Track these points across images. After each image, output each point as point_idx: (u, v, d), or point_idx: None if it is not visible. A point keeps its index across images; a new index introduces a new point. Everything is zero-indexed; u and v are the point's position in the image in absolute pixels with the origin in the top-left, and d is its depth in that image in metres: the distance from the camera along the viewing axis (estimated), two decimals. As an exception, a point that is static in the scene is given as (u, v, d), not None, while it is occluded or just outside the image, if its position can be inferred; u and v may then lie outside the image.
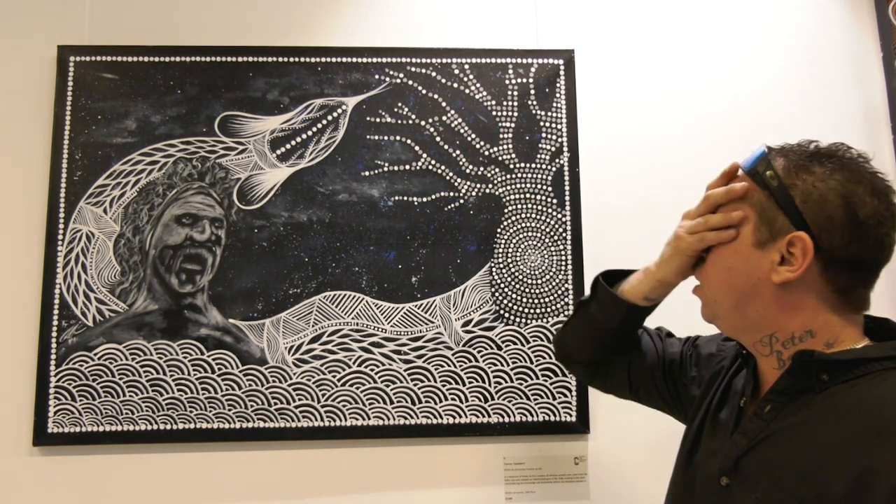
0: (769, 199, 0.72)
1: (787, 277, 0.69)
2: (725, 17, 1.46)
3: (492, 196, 1.35)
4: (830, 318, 0.71)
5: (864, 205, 0.69)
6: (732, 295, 0.75)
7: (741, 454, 0.72)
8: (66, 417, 1.25)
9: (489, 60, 1.38)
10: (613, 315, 0.96)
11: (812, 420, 0.67)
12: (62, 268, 1.29)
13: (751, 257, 0.73)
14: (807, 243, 0.68)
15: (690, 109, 1.43)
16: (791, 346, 0.72)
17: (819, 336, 0.71)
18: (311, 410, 1.28)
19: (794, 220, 0.70)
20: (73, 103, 1.33)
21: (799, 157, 0.73)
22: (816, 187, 0.69)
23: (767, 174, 0.73)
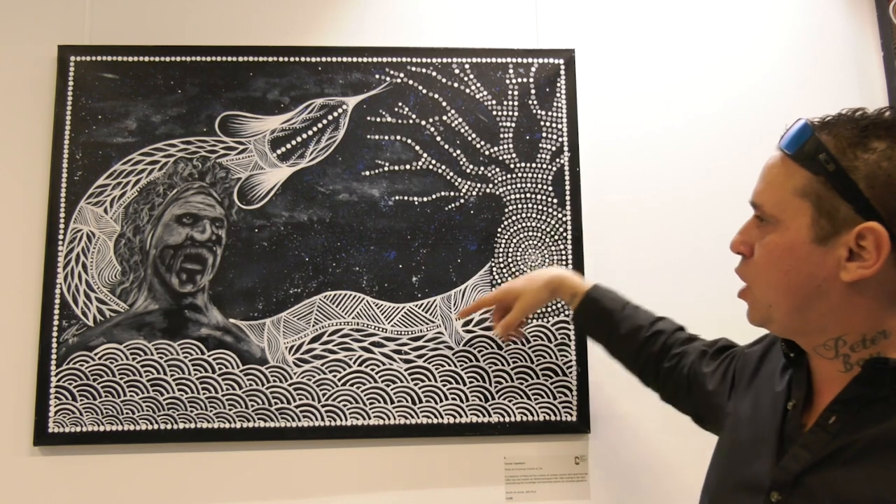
0: (826, 187, 0.63)
1: (859, 275, 0.62)
2: (725, 16, 1.46)
3: (492, 196, 1.35)
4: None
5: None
6: (793, 298, 0.66)
7: (803, 470, 0.63)
8: (66, 417, 1.25)
9: (489, 60, 1.38)
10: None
11: (888, 440, 0.59)
12: (63, 268, 1.29)
13: (811, 255, 0.64)
14: (881, 235, 0.60)
15: (691, 109, 1.43)
16: (861, 349, 0.65)
17: (893, 336, 0.64)
18: (311, 410, 1.28)
19: (861, 208, 0.61)
20: (74, 103, 1.33)
21: (852, 133, 0.64)
22: (882, 167, 0.60)
23: (821, 157, 0.63)
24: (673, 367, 1.00)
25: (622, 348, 1.08)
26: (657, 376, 1.04)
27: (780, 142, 0.69)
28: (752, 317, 0.73)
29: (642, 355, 1.05)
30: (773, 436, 0.69)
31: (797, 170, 0.66)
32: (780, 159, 0.69)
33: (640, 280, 1.35)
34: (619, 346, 1.09)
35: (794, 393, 0.71)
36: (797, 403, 0.69)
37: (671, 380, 1.01)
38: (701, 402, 0.94)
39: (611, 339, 1.09)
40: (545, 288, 1.15)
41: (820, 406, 0.68)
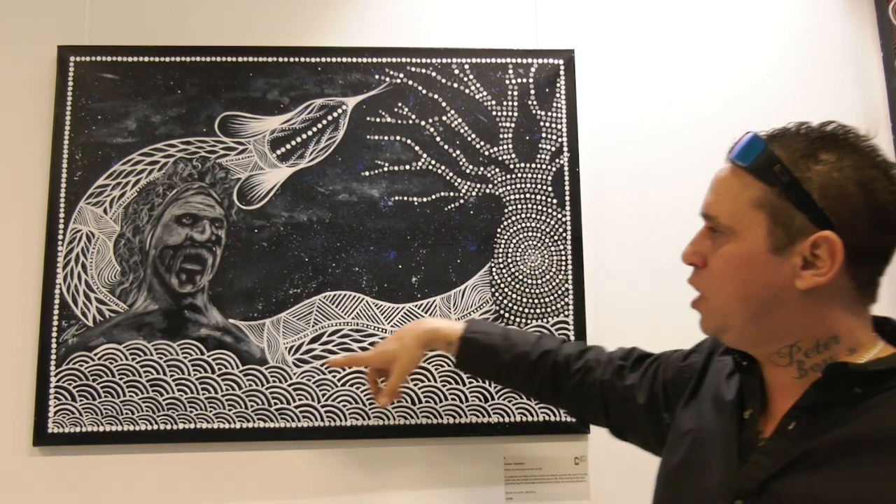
0: (781, 198, 0.64)
1: (814, 283, 0.63)
2: (725, 17, 1.46)
3: (492, 196, 1.35)
4: (851, 321, 0.66)
5: (883, 189, 0.63)
6: (750, 307, 0.67)
7: (768, 477, 0.64)
8: (66, 417, 1.25)
9: (489, 60, 1.38)
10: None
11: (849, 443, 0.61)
12: (62, 268, 1.29)
13: (768, 265, 0.65)
14: (835, 243, 0.62)
15: (690, 109, 1.43)
16: (815, 355, 0.66)
17: (844, 342, 0.66)
18: (311, 410, 1.28)
19: (815, 218, 0.63)
20: (74, 103, 1.33)
21: (802, 145, 0.65)
22: (833, 178, 0.62)
23: (775, 169, 0.64)
24: (579, 385, 0.99)
25: (513, 379, 1.06)
26: (559, 395, 1.03)
27: (731, 154, 0.70)
28: (707, 326, 0.74)
29: (535, 380, 1.03)
30: (729, 446, 0.70)
31: (752, 181, 0.67)
32: (733, 171, 0.70)
33: (639, 280, 1.35)
34: (509, 377, 1.06)
35: (749, 402, 0.72)
36: (754, 412, 0.70)
37: (579, 397, 1.00)
38: (628, 414, 0.94)
39: (500, 374, 1.07)
40: (418, 346, 1.09)
41: (775, 413, 0.69)
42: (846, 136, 0.66)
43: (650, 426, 0.91)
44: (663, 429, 0.88)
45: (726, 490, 0.67)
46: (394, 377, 1.07)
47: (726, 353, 0.81)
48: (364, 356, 1.15)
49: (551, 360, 1.02)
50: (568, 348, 1.04)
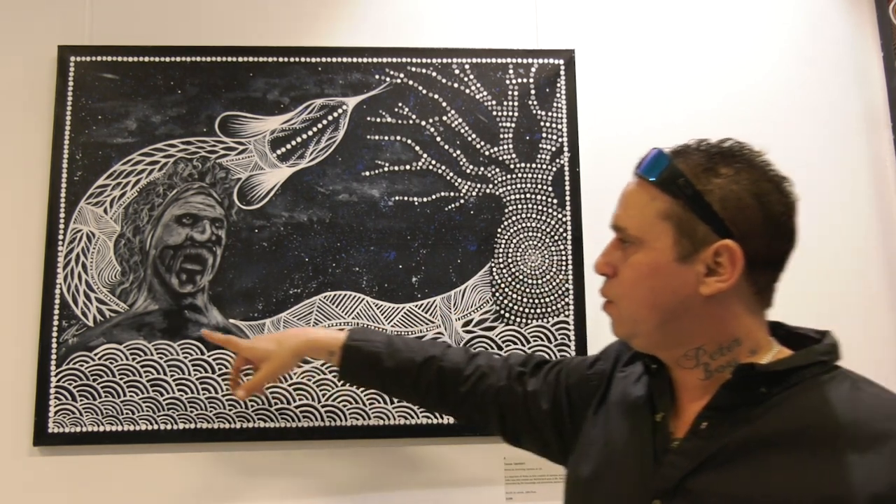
0: (685, 209, 0.68)
1: (717, 289, 0.67)
2: (725, 17, 1.46)
3: (492, 196, 1.35)
4: (751, 323, 0.70)
5: (776, 201, 0.68)
6: (659, 313, 0.71)
7: (684, 476, 0.67)
8: (66, 417, 1.25)
9: (489, 60, 1.38)
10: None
11: (757, 439, 0.65)
12: (62, 268, 1.29)
13: (675, 273, 0.69)
14: (735, 252, 0.66)
15: (690, 109, 1.43)
16: (719, 357, 0.70)
17: (745, 344, 0.70)
18: (311, 410, 1.28)
19: (717, 228, 0.67)
20: (74, 103, 1.33)
21: (702, 160, 0.70)
22: (732, 190, 0.67)
23: (679, 182, 0.69)
24: (471, 391, 0.98)
25: (398, 386, 1.04)
26: (445, 401, 1.02)
27: (639, 169, 0.74)
28: (618, 331, 0.77)
29: (421, 386, 1.01)
30: (644, 449, 0.73)
31: (658, 194, 0.71)
32: (640, 185, 0.74)
33: (639, 280, 1.35)
34: (393, 385, 1.04)
35: (660, 405, 0.75)
36: (666, 414, 0.73)
37: (470, 403, 0.99)
38: (529, 420, 0.94)
39: (385, 382, 1.04)
40: (293, 355, 1.05)
41: (686, 414, 0.72)
42: (742, 151, 0.71)
43: (554, 433, 0.92)
44: (567, 435, 0.90)
45: (644, 491, 0.70)
46: (259, 376, 1.05)
47: (632, 360, 0.85)
48: (238, 344, 1.09)
49: (436, 365, 1.00)
50: (454, 354, 1.02)
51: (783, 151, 1.52)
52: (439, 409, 1.09)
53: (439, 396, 1.01)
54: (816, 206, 1.42)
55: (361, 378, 1.06)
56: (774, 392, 0.67)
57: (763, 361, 0.69)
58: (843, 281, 1.40)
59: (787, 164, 1.54)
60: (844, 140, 1.45)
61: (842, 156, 1.44)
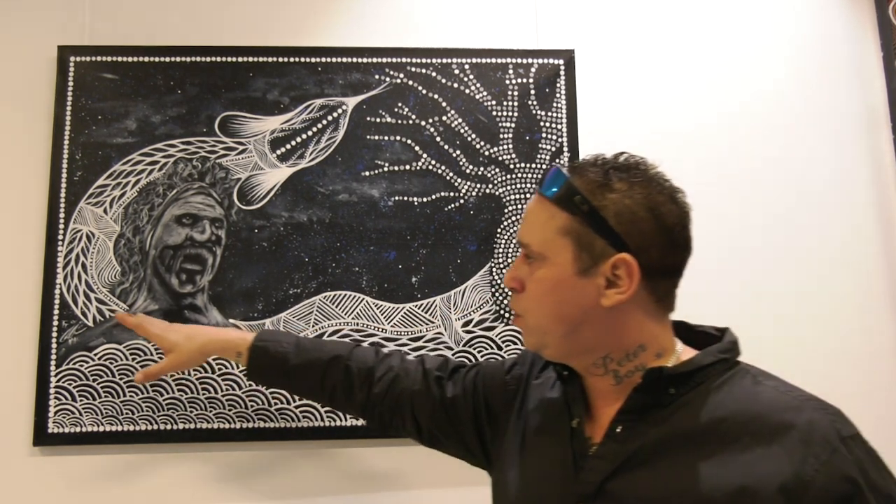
0: (583, 225, 0.71)
1: (617, 300, 0.70)
2: (725, 16, 1.46)
3: (492, 196, 1.35)
4: (654, 329, 0.73)
5: (669, 213, 0.70)
6: (564, 325, 0.73)
7: (604, 479, 0.70)
8: (66, 417, 1.25)
9: (489, 60, 1.38)
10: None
11: (670, 439, 0.68)
12: (62, 268, 1.29)
13: (576, 286, 0.72)
14: (631, 264, 0.69)
15: (690, 109, 1.43)
16: (627, 363, 0.73)
17: (650, 348, 0.73)
18: (311, 410, 1.28)
19: (613, 242, 0.69)
20: (74, 103, 1.33)
21: (597, 175, 0.72)
22: (625, 205, 0.70)
23: (576, 199, 0.71)
24: (383, 393, 0.99)
25: (305, 385, 1.04)
26: (352, 400, 1.02)
27: (540, 187, 0.76)
28: (528, 342, 0.79)
29: (327, 386, 1.02)
30: (564, 455, 0.75)
31: (557, 211, 0.73)
32: (541, 202, 0.75)
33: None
34: (300, 384, 1.05)
35: (575, 411, 0.77)
36: (581, 421, 0.76)
37: (385, 406, 0.99)
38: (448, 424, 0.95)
39: (291, 382, 1.05)
40: (200, 352, 1.07)
41: (601, 419, 0.75)
42: (636, 165, 0.73)
43: (476, 438, 0.93)
44: (488, 440, 0.91)
45: (566, 496, 0.73)
46: (161, 365, 1.08)
47: (546, 366, 0.87)
48: (148, 330, 1.11)
49: (343, 364, 1.01)
50: (363, 353, 1.03)
51: (783, 151, 1.53)
52: (347, 409, 1.08)
53: (346, 397, 1.02)
54: (816, 205, 1.42)
55: (268, 378, 1.07)
56: (682, 392, 0.70)
57: (669, 364, 0.72)
58: (843, 281, 1.40)
59: (786, 163, 1.55)
60: (844, 140, 1.45)
61: (842, 156, 1.44)
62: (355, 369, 1.01)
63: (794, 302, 1.38)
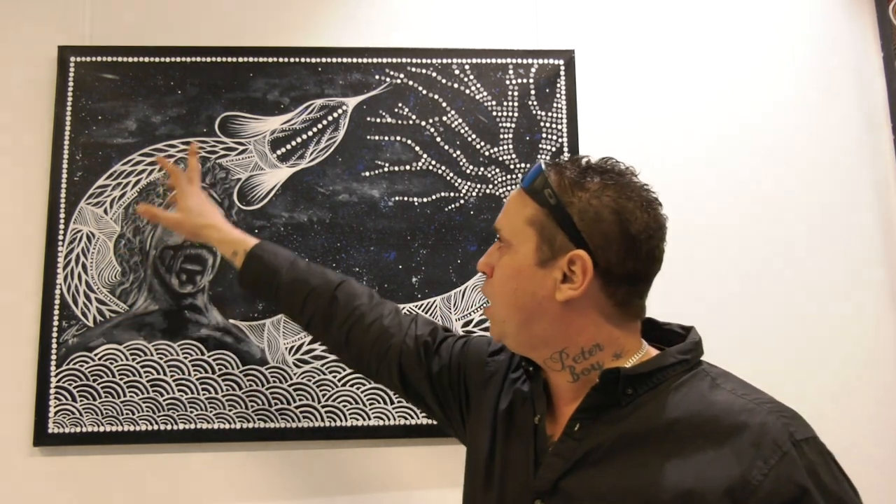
0: (548, 217, 0.72)
1: (569, 295, 0.70)
2: (725, 17, 1.46)
3: (492, 196, 1.35)
4: (613, 331, 0.73)
5: (636, 220, 0.70)
6: (519, 314, 0.74)
7: (559, 477, 0.71)
8: (66, 418, 1.25)
9: (489, 60, 1.38)
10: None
11: (625, 438, 0.69)
12: (62, 268, 1.29)
13: (534, 276, 0.73)
14: (586, 261, 0.69)
15: (689, 108, 1.43)
16: (582, 361, 0.73)
17: (607, 349, 0.73)
18: (311, 411, 1.28)
19: (573, 238, 0.70)
20: (74, 104, 1.33)
21: (573, 173, 0.73)
22: (592, 204, 0.70)
23: (546, 192, 0.72)
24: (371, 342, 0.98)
25: (288, 302, 1.04)
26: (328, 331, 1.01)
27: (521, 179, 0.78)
28: (492, 331, 0.80)
29: (307, 310, 1.02)
30: (526, 450, 0.76)
31: (529, 202, 0.74)
32: (518, 193, 0.77)
33: (639, 280, 1.35)
34: (285, 300, 1.04)
35: (538, 407, 0.78)
36: (542, 417, 0.77)
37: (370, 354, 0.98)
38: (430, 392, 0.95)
39: (277, 296, 1.04)
40: (197, 232, 1.10)
41: (561, 417, 0.76)
42: (614, 169, 0.74)
43: (457, 409, 0.94)
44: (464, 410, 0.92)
45: (525, 492, 0.74)
46: (165, 215, 1.13)
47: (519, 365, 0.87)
48: (179, 184, 1.14)
49: (330, 294, 1.01)
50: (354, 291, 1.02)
51: (783, 151, 1.52)
52: (322, 340, 1.07)
53: (323, 328, 1.02)
54: (817, 205, 1.42)
55: (257, 287, 1.08)
56: (640, 392, 0.70)
57: (628, 364, 0.72)
58: (843, 280, 1.40)
59: (786, 163, 1.55)
60: (844, 140, 1.45)
61: (842, 156, 1.44)
62: (341, 304, 1.00)
63: (794, 302, 1.38)
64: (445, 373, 0.94)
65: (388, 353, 0.97)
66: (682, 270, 1.36)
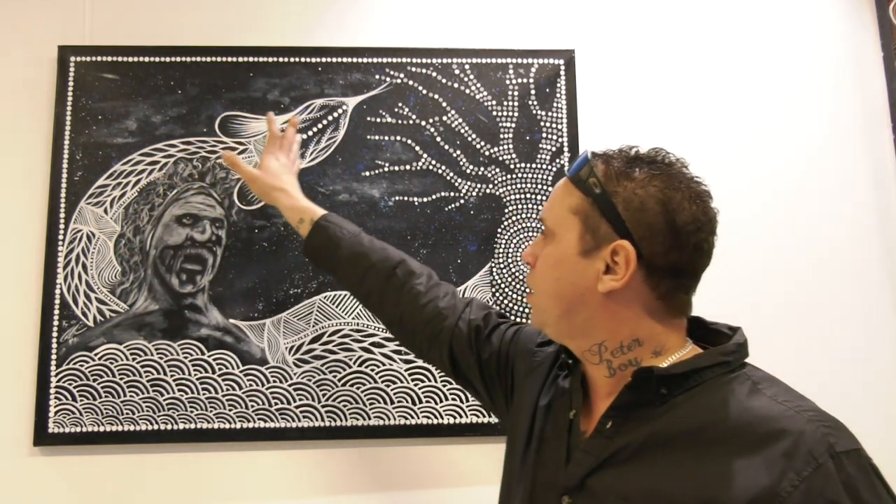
0: (593, 207, 0.71)
1: (611, 286, 0.69)
2: (725, 16, 1.46)
3: (492, 196, 1.35)
4: (655, 326, 0.71)
5: (683, 211, 0.69)
6: (560, 304, 0.73)
7: (587, 474, 0.70)
8: (66, 417, 1.25)
9: (489, 60, 1.38)
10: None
11: (656, 439, 0.67)
12: (63, 268, 1.29)
13: (577, 266, 0.72)
14: (629, 252, 0.68)
15: (689, 108, 1.43)
16: (620, 355, 0.72)
17: (647, 344, 0.71)
18: (311, 410, 1.28)
19: (618, 228, 0.69)
20: (74, 103, 1.33)
21: (620, 163, 0.72)
22: (637, 194, 0.69)
23: (590, 181, 0.71)
24: (424, 322, 0.99)
25: (348, 276, 1.06)
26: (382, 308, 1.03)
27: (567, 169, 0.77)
28: (533, 319, 0.80)
29: (363, 289, 1.04)
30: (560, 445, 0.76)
31: (573, 191, 0.73)
32: (564, 182, 0.76)
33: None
34: (344, 274, 1.06)
35: (574, 402, 0.77)
36: (577, 412, 0.76)
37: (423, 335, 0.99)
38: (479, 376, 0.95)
39: (337, 268, 1.07)
40: (268, 192, 1.13)
41: (596, 411, 0.74)
42: (663, 160, 0.72)
43: (502, 395, 0.94)
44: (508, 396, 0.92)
45: (555, 487, 0.73)
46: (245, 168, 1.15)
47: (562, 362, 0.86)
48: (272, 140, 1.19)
49: (388, 272, 1.02)
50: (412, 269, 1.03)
51: (783, 151, 1.52)
52: (377, 315, 1.08)
53: (378, 305, 1.04)
54: (817, 205, 1.42)
55: (319, 258, 1.09)
56: (676, 393, 0.68)
57: (666, 363, 0.70)
58: (843, 280, 1.40)
59: (786, 163, 1.55)
60: (844, 140, 1.45)
61: (842, 156, 1.44)
62: (399, 282, 1.02)
63: (794, 302, 1.38)
64: (494, 360, 0.94)
65: (440, 335, 0.98)
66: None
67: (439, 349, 0.98)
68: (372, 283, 1.03)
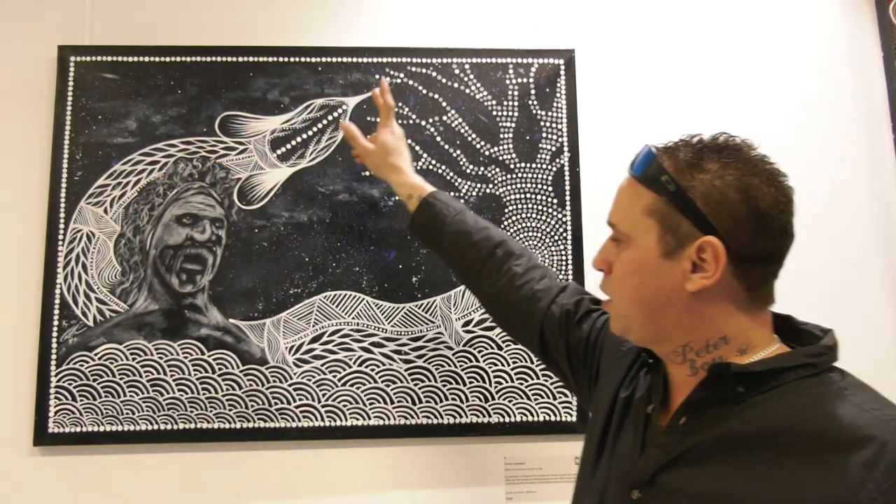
0: (669, 206, 0.68)
1: (702, 285, 0.67)
2: (725, 16, 1.46)
3: (492, 196, 1.35)
4: (743, 322, 0.69)
5: (764, 196, 0.66)
6: (645, 309, 0.71)
7: (657, 469, 0.69)
8: (66, 417, 1.25)
9: (489, 60, 1.38)
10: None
11: (729, 439, 0.65)
12: (62, 268, 1.29)
13: (660, 269, 0.69)
14: (717, 247, 0.65)
15: (690, 108, 1.43)
16: (705, 354, 0.70)
17: (733, 342, 0.69)
18: (311, 410, 1.28)
19: (700, 224, 0.66)
20: (74, 103, 1.33)
21: (688, 156, 0.69)
22: (715, 186, 0.66)
23: (662, 179, 0.68)
24: (519, 302, 1.01)
25: (450, 253, 1.10)
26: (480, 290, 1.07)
27: (630, 167, 0.74)
28: (614, 326, 0.77)
29: (465, 264, 1.07)
30: (636, 438, 0.75)
31: (644, 191, 0.70)
32: (630, 182, 0.74)
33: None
34: (446, 251, 1.10)
35: (653, 398, 0.76)
36: (655, 407, 0.74)
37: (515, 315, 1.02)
38: (566, 359, 0.97)
39: (440, 245, 1.11)
40: (380, 167, 1.19)
41: (673, 409, 0.73)
42: (733, 145, 0.70)
43: (586, 380, 0.95)
44: (592, 384, 0.93)
45: (626, 480, 0.72)
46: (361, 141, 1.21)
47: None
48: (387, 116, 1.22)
49: (489, 250, 1.05)
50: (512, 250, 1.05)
51: (783, 151, 1.51)
52: (474, 292, 1.11)
53: (476, 283, 1.07)
54: (817, 206, 1.42)
55: (424, 234, 1.15)
56: (754, 392, 0.66)
57: (749, 361, 0.68)
58: (843, 281, 1.40)
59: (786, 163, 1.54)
60: (844, 140, 1.45)
61: (842, 156, 1.44)
62: (498, 261, 1.04)
63: (794, 302, 1.38)
64: (582, 346, 0.94)
65: (532, 317, 0.99)
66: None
67: (531, 330, 1.00)
68: (472, 261, 1.06)
